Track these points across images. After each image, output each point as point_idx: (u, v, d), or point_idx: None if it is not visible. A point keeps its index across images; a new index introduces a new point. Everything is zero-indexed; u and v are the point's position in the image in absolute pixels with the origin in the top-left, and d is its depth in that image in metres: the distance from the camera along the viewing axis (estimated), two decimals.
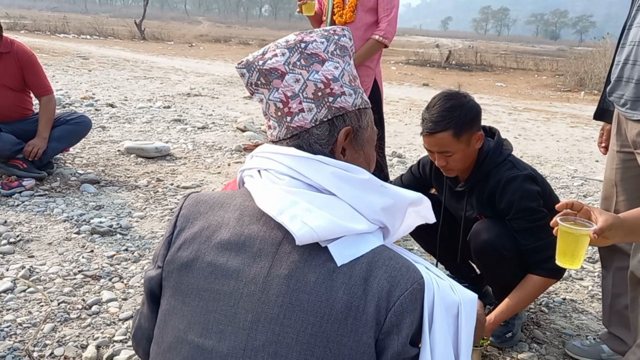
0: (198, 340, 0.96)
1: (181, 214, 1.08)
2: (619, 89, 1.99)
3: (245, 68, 1.03)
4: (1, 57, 3.86)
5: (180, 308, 1.00)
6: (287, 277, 0.92)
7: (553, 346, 2.36)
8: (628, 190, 2.07)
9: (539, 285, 2.13)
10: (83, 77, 9.76)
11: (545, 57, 27.06)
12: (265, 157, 1.03)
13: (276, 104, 1.02)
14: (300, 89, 1.01)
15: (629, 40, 1.94)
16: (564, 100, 12.65)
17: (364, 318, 0.89)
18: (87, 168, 4.37)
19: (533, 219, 2.10)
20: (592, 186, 5.09)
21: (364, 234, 0.95)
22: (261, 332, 0.91)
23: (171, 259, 1.04)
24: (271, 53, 1.03)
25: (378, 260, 0.93)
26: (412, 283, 0.92)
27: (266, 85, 1.02)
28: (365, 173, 1.00)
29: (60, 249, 2.93)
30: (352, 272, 0.91)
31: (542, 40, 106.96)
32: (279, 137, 1.03)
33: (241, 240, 0.98)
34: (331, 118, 1.03)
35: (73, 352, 2.08)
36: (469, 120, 2.10)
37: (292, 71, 1.01)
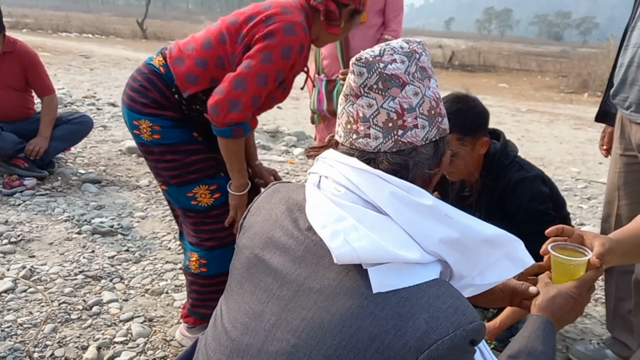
0: (227, 326, 0.99)
1: (258, 199, 1.12)
2: (623, 91, 1.98)
3: (366, 67, 0.93)
4: (4, 56, 3.86)
5: (228, 290, 1.05)
6: (318, 292, 0.89)
7: (557, 350, 2.34)
8: (631, 194, 2.06)
9: None
10: (85, 76, 9.76)
11: (548, 59, 27.03)
12: (328, 163, 0.98)
13: (389, 114, 0.93)
14: (418, 103, 0.95)
15: (633, 42, 1.93)
16: (567, 102, 12.64)
17: (387, 353, 0.81)
18: (89, 167, 4.36)
19: (541, 222, 2.07)
20: (595, 189, 5.07)
21: (413, 264, 0.87)
22: (278, 339, 0.90)
23: (239, 240, 1.09)
24: (389, 57, 0.94)
25: (422, 297, 0.84)
26: (453, 329, 0.82)
27: (382, 92, 0.93)
28: (429, 198, 0.91)
29: (61, 249, 2.92)
30: (386, 303, 0.84)
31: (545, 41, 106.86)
32: (379, 149, 0.95)
33: (289, 243, 0.97)
34: (438, 139, 0.98)
35: (74, 353, 2.07)
36: (475, 126, 2.08)
37: (412, 82, 0.95)
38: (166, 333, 2.25)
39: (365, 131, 0.95)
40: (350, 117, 0.97)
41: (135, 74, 1.99)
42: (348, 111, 0.97)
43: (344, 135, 0.99)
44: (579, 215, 4.26)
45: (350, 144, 0.98)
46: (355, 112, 0.96)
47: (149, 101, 1.94)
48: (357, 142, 0.96)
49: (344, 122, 0.99)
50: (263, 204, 1.09)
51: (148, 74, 1.96)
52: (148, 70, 1.97)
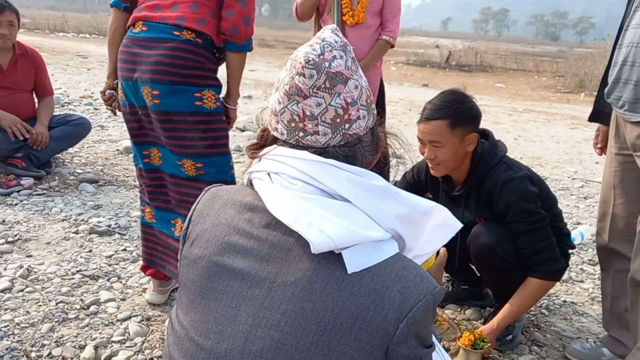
0: (198, 339, 0.96)
1: (197, 208, 1.09)
2: (617, 90, 1.98)
3: (315, 69, 0.95)
4: (18, 59, 3.92)
5: (186, 304, 1.01)
6: (294, 284, 0.91)
7: (553, 349, 2.35)
8: (626, 193, 2.07)
9: (539, 288, 2.13)
10: (82, 76, 9.73)
11: (545, 58, 27.07)
12: (276, 160, 0.99)
13: (337, 110, 0.97)
14: (358, 95, 0.99)
15: (627, 42, 1.93)
16: (564, 102, 12.65)
17: (370, 328, 0.87)
18: (86, 167, 4.35)
19: (531, 222, 2.10)
20: (592, 188, 5.08)
21: (377, 242, 0.93)
22: (260, 338, 0.91)
23: (186, 254, 1.05)
24: (329, 54, 0.96)
25: (391, 270, 0.91)
26: (425, 294, 0.90)
27: (329, 90, 0.96)
28: (380, 179, 0.97)
29: (58, 249, 2.91)
30: (361, 282, 0.89)
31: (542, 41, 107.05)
32: (328, 144, 0.98)
33: (249, 244, 0.96)
34: (373, 125, 1.04)
35: (71, 352, 2.07)
36: (467, 117, 2.12)
37: (352, 77, 0.98)
38: (164, 332, 2.25)
39: (314, 128, 0.98)
40: (295, 116, 0.98)
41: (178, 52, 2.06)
42: (292, 110, 0.98)
43: (287, 133, 1.00)
44: (576, 215, 4.27)
45: (296, 142, 1.00)
46: (301, 111, 0.97)
47: (207, 72, 2.12)
48: (304, 140, 0.99)
49: (286, 120, 0.99)
50: (206, 210, 1.06)
51: (194, 48, 2.08)
52: (191, 45, 2.08)
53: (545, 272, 2.09)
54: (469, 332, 2.05)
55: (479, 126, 2.21)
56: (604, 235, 2.19)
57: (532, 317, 2.59)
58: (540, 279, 2.10)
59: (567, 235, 2.37)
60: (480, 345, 2.02)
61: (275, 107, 1.01)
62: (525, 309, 2.18)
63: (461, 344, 2.04)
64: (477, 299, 2.62)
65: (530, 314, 2.60)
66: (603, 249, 2.22)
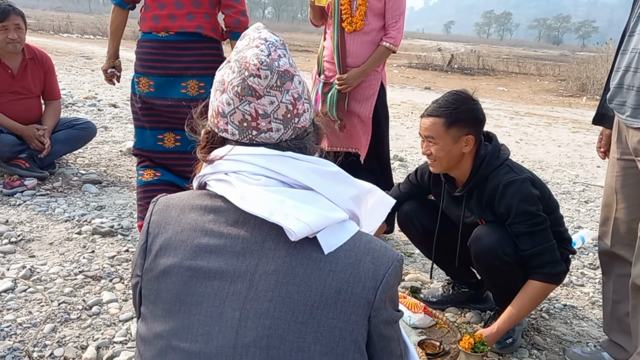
0: (184, 346, 0.96)
1: (152, 220, 1.07)
2: (619, 96, 1.99)
3: (269, 69, 0.99)
4: (28, 63, 3.95)
5: (161, 315, 0.99)
6: (275, 272, 0.95)
7: (553, 352, 2.36)
8: (628, 198, 2.07)
9: (540, 291, 2.13)
10: (86, 77, 9.77)
11: (547, 62, 27.06)
12: (233, 159, 1.02)
13: (287, 106, 1.02)
14: (302, 90, 1.05)
15: (631, 47, 1.94)
16: (565, 105, 12.65)
17: (353, 299, 0.95)
18: (89, 168, 4.37)
19: (532, 224, 2.10)
20: (593, 192, 5.08)
21: (342, 222, 1.01)
22: (251, 329, 0.93)
23: (149, 267, 1.03)
24: (275, 54, 1.01)
25: (359, 245, 0.99)
26: (392, 261, 1.00)
27: (279, 88, 1.01)
28: (333, 165, 1.05)
29: (61, 249, 2.93)
30: (337, 259, 0.96)
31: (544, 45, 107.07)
32: (281, 139, 1.03)
33: (221, 242, 0.98)
34: (313, 117, 1.11)
35: (73, 352, 2.08)
36: (463, 119, 2.15)
37: (296, 73, 1.04)
38: None
39: (267, 126, 1.02)
40: (247, 116, 1.01)
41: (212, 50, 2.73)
42: (244, 110, 1.01)
43: (239, 133, 1.03)
44: (577, 219, 4.27)
45: (250, 140, 1.03)
46: (254, 110, 1.01)
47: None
48: (258, 138, 1.03)
49: (237, 121, 1.02)
50: (163, 220, 1.05)
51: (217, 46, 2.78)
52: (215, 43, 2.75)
53: (546, 275, 2.10)
54: (469, 335, 2.05)
55: (481, 129, 2.22)
56: (606, 239, 2.19)
57: (533, 320, 2.59)
58: (541, 282, 2.10)
59: (568, 240, 2.37)
60: (480, 348, 2.03)
61: (222, 109, 1.03)
62: (526, 312, 2.18)
63: (461, 347, 2.05)
64: (477, 302, 2.63)
65: (530, 318, 2.60)
66: (605, 253, 2.23)
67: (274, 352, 0.92)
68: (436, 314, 2.34)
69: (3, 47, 3.76)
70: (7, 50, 3.78)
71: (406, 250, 3.31)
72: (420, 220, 2.52)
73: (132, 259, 1.10)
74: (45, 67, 4.06)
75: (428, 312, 2.33)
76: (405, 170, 5.21)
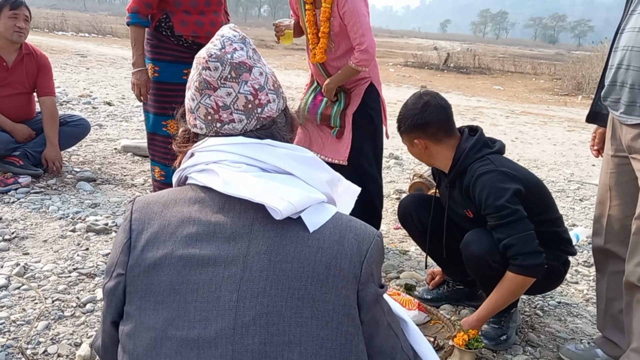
0: (181, 334, 0.96)
1: (134, 218, 1.07)
2: (613, 93, 2.00)
3: (219, 61, 1.04)
4: (24, 57, 3.94)
5: (153, 308, 0.99)
6: (267, 252, 0.98)
7: (547, 349, 2.36)
8: (622, 195, 2.08)
9: (515, 283, 2.09)
10: (81, 75, 9.75)
11: (543, 61, 27.10)
12: (213, 150, 1.06)
13: (247, 97, 1.06)
14: (264, 81, 1.08)
15: (622, 45, 1.94)
16: (561, 104, 12.68)
17: (342, 274, 0.99)
18: (84, 166, 4.36)
19: (500, 216, 2.08)
20: (588, 190, 5.10)
21: (321, 203, 1.05)
22: (249, 308, 0.95)
23: (135, 263, 1.02)
24: (230, 47, 1.06)
25: (341, 223, 1.04)
26: (374, 236, 1.05)
27: (236, 79, 1.05)
28: (308, 152, 1.11)
29: (55, 247, 2.92)
30: (323, 236, 1.00)
31: (540, 44, 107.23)
32: (245, 129, 1.07)
33: (210, 229, 1.00)
34: (284, 107, 1.14)
35: (67, 350, 2.07)
36: (409, 126, 2.29)
37: (256, 65, 1.07)
38: None
39: (229, 117, 1.06)
40: (209, 109, 1.06)
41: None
42: (205, 104, 1.06)
43: (205, 127, 1.08)
44: (571, 216, 4.28)
45: (215, 133, 1.08)
46: (214, 103, 1.06)
47: None
48: (223, 129, 1.07)
49: (202, 115, 1.08)
50: (147, 216, 1.05)
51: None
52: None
53: (518, 267, 2.06)
54: (463, 332, 2.06)
55: (431, 130, 2.25)
56: (600, 236, 2.20)
57: (527, 317, 2.60)
58: (514, 273, 2.08)
59: (568, 241, 2.33)
60: (474, 345, 2.03)
61: (190, 105, 1.09)
62: (503, 302, 2.15)
63: (455, 344, 2.05)
64: (472, 299, 2.63)
65: (524, 315, 2.61)
66: (599, 250, 2.23)
67: (273, 328, 0.95)
68: (431, 310, 2.34)
69: (9, 35, 3.77)
70: (12, 39, 3.79)
71: (401, 248, 3.31)
72: (420, 215, 2.53)
73: (109, 260, 1.08)
74: (40, 64, 4.03)
75: (422, 308, 2.33)
76: (400, 168, 5.21)
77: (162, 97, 3.12)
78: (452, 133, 2.29)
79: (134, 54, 3.05)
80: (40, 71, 4.04)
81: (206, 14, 3.06)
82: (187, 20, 3.02)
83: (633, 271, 1.91)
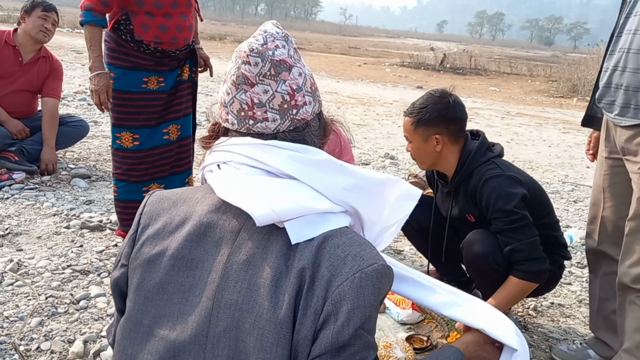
0: (163, 333, 0.97)
1: (144, 211, 1.09)
2: (607, 95, 2.01)
3: (259, 57, 1.00)
4: (38, 60, 4.00)
5: (142, 303, 1.01)
6: (245, 263, 0.93)
7: (540, 350, 2.37)
8: (616, 196, 2.09)
9: (518, 288, 2.12)
10: (76, 72, 9.71)
11: (539, 63, 27.17)
12: (223, 150, 1.04)
13: (283, 96, 1.01)
14: (302, 82, 1.04)
15: (618, 47, 1.95)
16: (556, 106, 12.72)
17: (310, 304, 0.89)
18: (79, 162, 4.35)
19: (509, 221, 2.09)
20: (582, 192, 5.12)
21: (324, 214, 0.96)
22: (222, 319, 0.93)
23: (135, 256, 1.04)
24: (272, 44, 1.02)
25: (325, 246, 0.93)
26: (355, 272, 0.90)
27: (274, 77, 1.01)
28: (322, 154, 1.01)
29: (49, 243, 2.91)
30: (303, 255, 0.91)
31: (536, 45, 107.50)
32: (277, 130, 1.02)
33: (202, 230, 0.99)
34: (319, 111, 1.09)
35: (60, 346, 2.07)
36: (431, 119, 2.18)
37: (295, 64, 1.03)
38: None
39: (263, 115, 1.01)
40: (243, 105, 1.02)
41: None
42: (240, 99, 1.02)
43: (237, 123, 1.04)
44: (565, 218, 4.30)
45: (247, 130, 1.03)
46: (249, 99, 1.01)
47: None
48: (255, 127, 1.03)
49: (235, 110, 1.03)
50: (155, 212, 1.07)
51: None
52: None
53: (524, 272, 2.09)
54: (456, 332, 2.06)
55: (454, 128, 2.22)
56: (594, 237, 2.21)
57: (520, 318, 2.61)
58: (519, 279, 2.10)
59: (564, 245, 2.35)
60: None
61: (224, 99, 1.05)
62: (504, 306, 2.16)
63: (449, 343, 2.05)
64: None
65: (517, 315, 2.62)
66: (592, 251, 2.24)
67: (240, 345, 0.92)
68: (424, 309, 2.35)
69: (34, 33, 3.85)
70: (37, 38, 3.86)
71: (395, 247, 3.32)
72: (416, 216, 2.53)
73: (119, 251, 1.11)
74: (53, 68, 4.08)
75: (416, 307, 2.34)
76: (396, 168, 5.22)
77: (118, 107, 2.69)
78: (464, 135, 2.29)
79: (90, 56, 2.62)
80: (51, 74, 4.07)
81: (172, 17, 2.65)
82: (149, 24, 2.60)
83: (626, 272, 1.92)
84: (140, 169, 2.79)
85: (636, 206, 1.87)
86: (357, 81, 14.03)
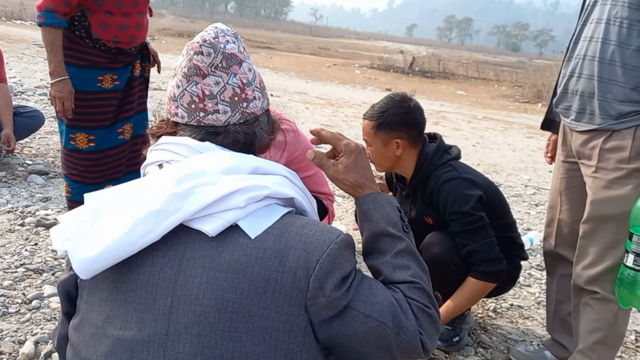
0: (118, 333, 0.94)
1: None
2: (564, 101, 2.04)
3: (212, 48, 1.02)
4: None
5: (97, 304, 0.98)
6: (202, 257, 0.93)
7: (498, 351, 2.40)
8: (571, 200, 2.13)
9: (477, 288, 2.14)
10: (38, 66, 9.46)
11: (505, 68, 27.67)
12: (163, 149, 1.03)
13: (234, 89, 1.03)
14: (252, 77, 1.07)
15: (575, 54, 1.99)
16: (521, 111, 12.97)
17: (283, 290, 0.91)
18: (37, 158, 4.23)
19: (466, 222, 2.11)
20: (544, 195, 5.21)
21: (268, 206, 0.98)
22: (182, 315, 0.91)
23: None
24: (223, 38, 1.04)
25: (291, 230, 0.95)
26: (328, 244, 0.95)
27: (226, 70, 1.03)
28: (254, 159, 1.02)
29: (2, 241, 2.82)
30: (265, 245, 0.93)
31: (503, 51, 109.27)
32: (228, 122, 1.04)
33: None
34: (268, 108, 1.12)
35: (10, 347, 2.00)
36: (392, 122, 2.16)
37: (246, 60, 1.06)
38: None
39: (214, 107, 1.03)
40: (194, 97, 1.03)
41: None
42: (191, 91, 1.03)
43: (187, 115, 1.04)
44: (527, 221, 4.37)
45: (197, 122, 1.04)
46: (200, 91, 1.02)
47: None
48: (205, 119, 1.04)
49: (186, 103, 1.04)
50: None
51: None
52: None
53: (482, 273, 2.11)
54: None
55: (414, 132, 2.22)
56: (551, 240, 2.24)
57: (479, 319, 2.63)
58: (477, 279, 2.12)
59: (520, 246, 2.38)
60: None
61: (173, 93, 1.06)
62: (463, 307, 2.19)
63: None
64: None
65: (477, 317, 2.64)
66: (549, 254, 2.28)
67: (204, 339, 0.90)
68: None
69: None
70: None
71: (359, 249, 3.31)
72: None
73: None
74: None
75: None
76: None
77: (73, 108, 2.59)
78: (423, 138, 2.29)
79: (51, 60, 2.50)
80: None
81: (131, 16, 2.60)
82: (109, 22, 2.54)
83: (580, 274, 1.96)
84: (95, 171, 2.73)
85: (590, 209, 1.91)
86: (327, 82, 14.07)
